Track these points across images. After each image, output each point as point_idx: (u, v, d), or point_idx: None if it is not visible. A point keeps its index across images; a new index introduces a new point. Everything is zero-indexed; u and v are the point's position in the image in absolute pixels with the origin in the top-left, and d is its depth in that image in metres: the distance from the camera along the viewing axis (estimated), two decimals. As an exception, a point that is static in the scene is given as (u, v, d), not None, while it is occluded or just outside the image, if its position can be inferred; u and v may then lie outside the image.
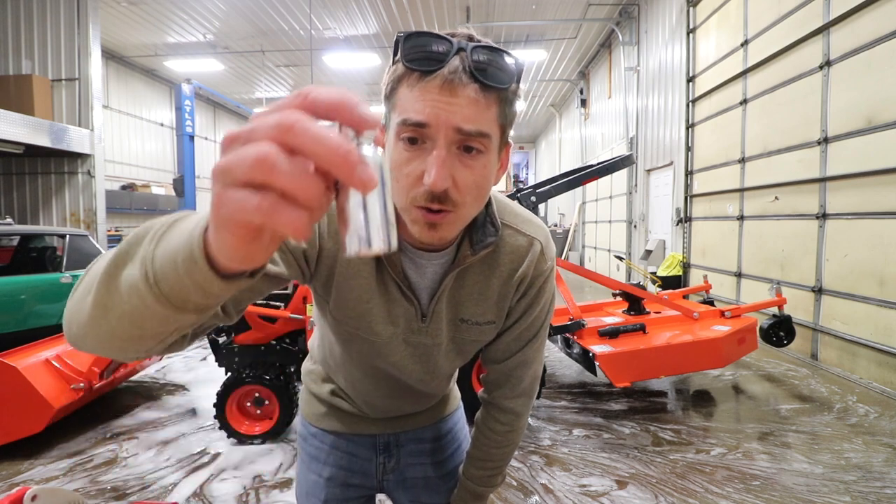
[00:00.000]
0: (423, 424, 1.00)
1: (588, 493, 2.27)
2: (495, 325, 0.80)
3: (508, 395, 0.88)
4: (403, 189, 0.60)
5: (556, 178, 3.75)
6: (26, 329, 4.03)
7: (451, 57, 0.56)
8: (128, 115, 11.61)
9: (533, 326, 0.83)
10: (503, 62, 0.57)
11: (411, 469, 0.99)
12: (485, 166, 0.60)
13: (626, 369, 3.04)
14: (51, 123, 5.85)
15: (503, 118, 0.60)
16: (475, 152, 0.59)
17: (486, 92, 0.57)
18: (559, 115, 16.17)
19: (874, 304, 3.67)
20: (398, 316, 0.75)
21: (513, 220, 0.77)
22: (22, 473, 2.45)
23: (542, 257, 0.77)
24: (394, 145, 0.60)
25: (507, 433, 0.92)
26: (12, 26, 6.38)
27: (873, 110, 3.69)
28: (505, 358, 0.85)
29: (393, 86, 0.60)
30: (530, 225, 0.78)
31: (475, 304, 0.77)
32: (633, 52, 8.97)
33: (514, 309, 0.80)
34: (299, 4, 8.59)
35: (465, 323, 0.78)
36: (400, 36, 0.58)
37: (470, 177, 0.59)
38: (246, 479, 2.40)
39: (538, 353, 0.87)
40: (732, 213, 5.67)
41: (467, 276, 0.75)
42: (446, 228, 0.62)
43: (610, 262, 10.12)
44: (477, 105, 0.56)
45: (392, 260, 0.71)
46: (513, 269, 0.76)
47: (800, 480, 2.34)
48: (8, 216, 5.94)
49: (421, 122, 0.56)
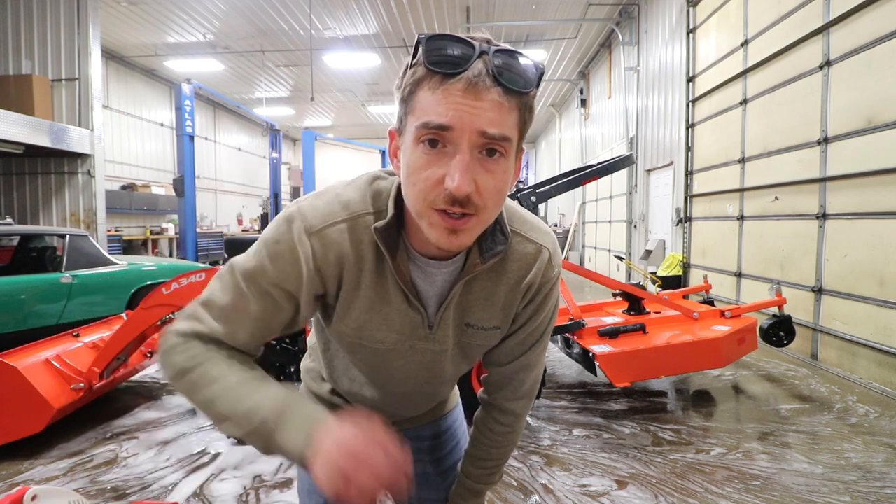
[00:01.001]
0: (423, 422, 1.01)
1: (588, 493, 2.27)
2: (500, 331, 0.80)
3: (510, 396, 0.89)
4: (421, 193, 0.59)
5: (556, 178, 3.75)
6: (26, 329, 4.03)
7: (474, 60, 0.56)
8: (128, 115, 11.61)
9: (537, 331, 0.82)
10: (525, 67, 0.58)
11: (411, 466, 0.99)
12: (505, 171, 0.60)
13: (626, 369, 3.04)
14: (51, 123, 5.86)
15: (522, 123, 0.60)
16: (497, 156, 0.58)
17: (509, 96, 0.57)
18: (559, 115, 16.17)
19: (874, 304, 3.67)
20: (404, 324, 0.75)
21: (521, 226, 0.76)
22: (22, 473, 2.44)
23: (549, 265, 0.77)
24: (412, 148, 0.59)
25: (507, 434, 0.92)
26: (12, 26, 6.38)
27: (873, 110, 3.69)
28: (508, 361, 0.85)
29: (412, 88, 0.59)
30: (539, 232, 0.77)
31: (482, 310, 0.77)
32: (633, 52, 8.97)
33: (519, 315, 0.80)
34: (299, 4, 8.59)
35: (470, 328, 0.78)
36: (422, 38, 0.57)
37: (491, 181, 0.59)
38: (246, 479, 2.40)
39: (540, 357, 0.87)
40: (732, 213, 5.67)
41: (475, 283, 0.75)
42: (466, 234, 0.61)
43: (610, 262, 10.12)
44: (500, 109, 0.56)
45: (401, 269, 0.70)
46: (521, 277, 0.75)
47: (800, 480, 2.34)
48: (8, 216, 5.94)
49: (444, 124, 0.56)
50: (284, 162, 16.32)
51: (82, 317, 4.32)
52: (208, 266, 3.23)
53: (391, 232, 0.68)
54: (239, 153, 16.78)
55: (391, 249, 0.68)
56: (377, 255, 0.70)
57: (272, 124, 11.59)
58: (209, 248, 11.26)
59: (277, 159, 11.65)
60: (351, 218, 0.69)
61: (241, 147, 16.96)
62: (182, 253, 8.55)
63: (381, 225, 0.67)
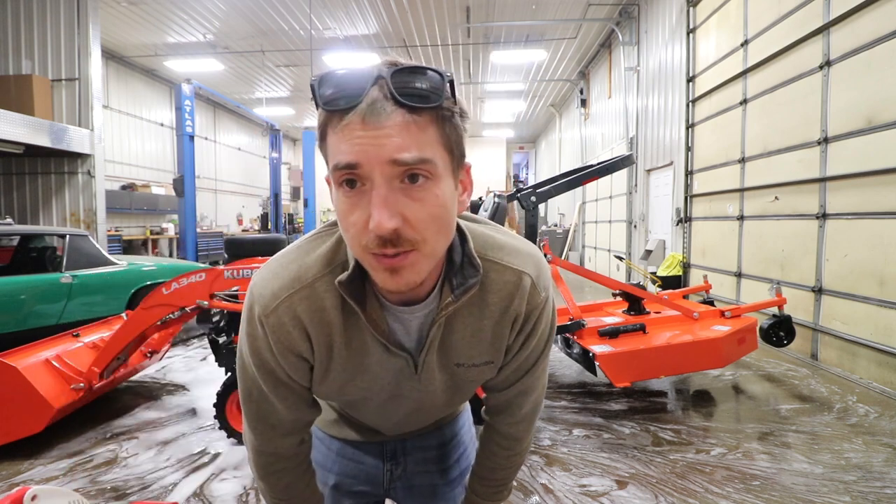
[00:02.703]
0: (427, 431, 0.99)
1: (588, 493, 2.27)
2: (494, 364, 0.76)
3: (509, 420, 0.86)
4: (354, 238, 0.56)
5: (556, 178, 3.75)
6: (26, 329, 4.03)
7: (369, 88, 0.52)
8: (128, 115, 11.60)
9: (531, 357, 0.78)
10: (428, 78, 0.53)
11: (418, 476, 0.98)
12: (438, 195, 0.55)
13: (626, 369, 3.04)
14: (51, 123, 5.86)
15: (446, 138, 0.55)
16: (423, 181, 0.54)
17: (417, 114, 0.53)
18: (559, 115, 16.17)
19: (874, 304, 3.67)
20: (388, 372, 0.73)
21: (496, 254, 0.70)
22: (22, 473, 2.44)
23: (534, 291, 0.71)
24: (336, 193, 0.56)
25: (510, 457, 0.90)
26: (12, 26, 6.38)
27: (873, 110, 3.69)
28: (505, 387, 0.82)
29: (321, 133, 0.56)
30: (517, 256, 0.71)
31: (469, 348, 0.72)
32: (633, 52, 8.96)
33: (511, 345, 0.76)
34: (299, 4, 8.59)
35: (460, 367, 0.74)
36: (313, 81, 0.54)
37: (422, 210, 0.54)
38: (246, 479, 2.40)
39: (539, 381, 0.83)
40: (732, 213, 5.67)
41: (456, 322, 0.70)
42: (410, 271, 0.57)
43: (610, 262, 10.11)
44: (409, 130, 0.52)
45: (373, 320, 0.67)
46: (504, 308, 0.70)
47: (800, 480, 2.34)
48: (8, 216, 5.94)
49: (350, 162, 0.52)
50: (284, 162, 16.34)
51: (82, 317, 4.32)
52: (208, 266, 3.23)
53: (356, 284, 0.64)
54: (239, 153, 16.77)
55: (359, 302, 0.65)
56: (346, 310, 0.67)
57: (272, 124, 11.60)
58: (209, 248, 11.25)
59: (277, 159, 11.65)
60: (304, 287, 0.66)
61: (241, 147, 16.95)
62: (182, 253, 8.55)
63: (343, 278, 0.64)
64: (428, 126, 0.54)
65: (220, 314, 3.10)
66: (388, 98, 0.52)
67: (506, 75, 12.88)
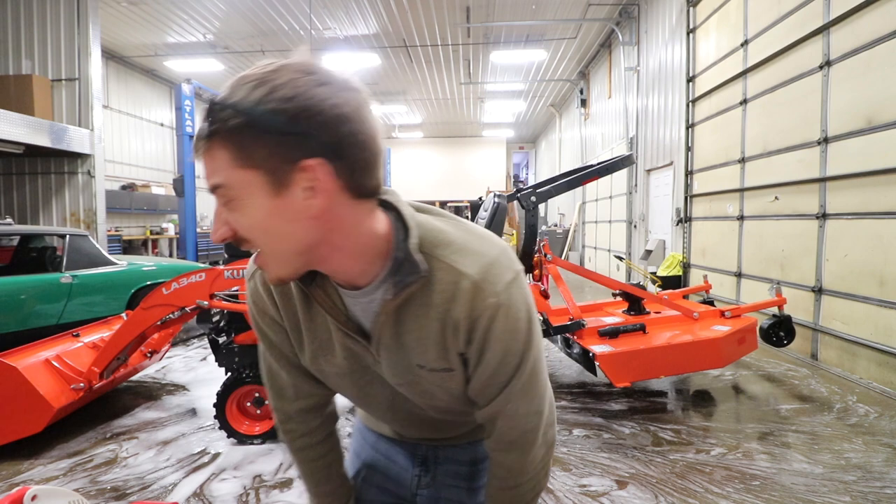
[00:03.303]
0: (458, 443, 0.95)
1: (588, 493, 2.27)
2: (455, 372, 0.71)
3: (494, 446, 0.79)
4: None
5: (556, 178, 3.76)
6: (26, 329, 4.03)
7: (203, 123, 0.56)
8: (128, 115, 11.61)
9: (499, 374, 0.69)
10: (223, 101, 0.54)
11: (446, 490, 0.96)
12: (252, 213, 0.57)
13: (626, 369, 3.04)
14: (51, 123, 5.86)
15: (241, 159, 0.54)
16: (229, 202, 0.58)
17: (210, 141, 0.55)
18: (559, 115, 16.18)
19: (874, 304, 3.67)
20: (351, 353, 0.74)
21: (442, 251, 0.65)
22: (22, 473, 2.45)
23: (477, 295, 0.63)
24: None
25: (503, 489, 0.80)
26: (12, 26, 6.38)
27: (873, 110, 3.69)
28: (483, 404, 0.74)
29: None
30: (465, 255, 0.64)
31: (424, 349, 0.69)
32: (633, 52, 8.97)
33: (467, 355, 0.69)
34: (299, 4, 8.59)
35: (422, 369, 0.71)
36: None
37: (244, 220, 0.58)
38: (246, 479, 2.40)
39: (524, 407, 0.72)
40: (732, 213, 5.67)
41: (407, 319, 0.67)
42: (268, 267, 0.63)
43: (610, 262, 10.11)
44: (212, 159, 0.56)
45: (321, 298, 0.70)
46: (445, 311, 0.65)
47: (800, 480, 2.34)
48: (8, 216, 5.94)
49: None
50: (284, 162, 16.29)
51: (82, 317, 4.32)
52: (208, 266, 3.23)
53: None
54: (239, 153, 16.77)
55: (304, 281, 0.69)
56: (302, 289, 0.72)
57: (272, 124, 11.57)
58: (209, 248, 11.25)
59: (277, 159, 11.63)
60: None
61: (241, 147, 16.95)
62: (182, 253, 8.56)
63: None
64: (216, 152, 0.55)
65: (220, 314, 3.10)
66: (203, 132, 0.56)
67: (506, 75, 12.88)
